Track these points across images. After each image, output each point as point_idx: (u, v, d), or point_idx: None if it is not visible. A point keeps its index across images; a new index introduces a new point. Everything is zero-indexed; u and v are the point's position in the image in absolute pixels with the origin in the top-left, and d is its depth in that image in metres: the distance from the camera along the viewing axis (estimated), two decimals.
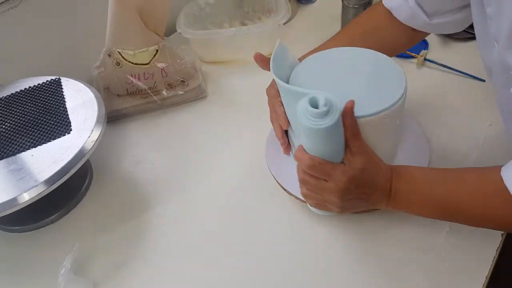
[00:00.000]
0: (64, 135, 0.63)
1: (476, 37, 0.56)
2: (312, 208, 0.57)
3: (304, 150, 0.49)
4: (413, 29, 0.65)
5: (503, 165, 0.47)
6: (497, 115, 0.58)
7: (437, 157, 0.65)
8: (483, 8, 0.50)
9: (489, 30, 0.49)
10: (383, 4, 0.66)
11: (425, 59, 0.85)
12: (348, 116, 0.46)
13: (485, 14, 0.49)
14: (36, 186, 0.55)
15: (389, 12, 0.65)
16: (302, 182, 0.52)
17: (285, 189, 0.62)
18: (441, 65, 0.83)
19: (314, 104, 0.45)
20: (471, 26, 0.90)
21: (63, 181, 0.57)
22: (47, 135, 0.63)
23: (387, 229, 0.58)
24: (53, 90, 0.72)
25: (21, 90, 0.73)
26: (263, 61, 0.57)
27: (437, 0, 0.61)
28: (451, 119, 0.72)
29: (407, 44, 0.69)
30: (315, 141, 0.47)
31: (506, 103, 0.52)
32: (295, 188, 0.59)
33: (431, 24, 0.63)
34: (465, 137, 0.69)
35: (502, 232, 0.55)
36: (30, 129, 0.65)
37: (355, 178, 0.48)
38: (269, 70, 0.54)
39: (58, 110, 0.68)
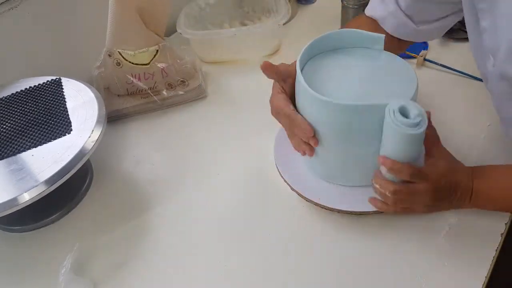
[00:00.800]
0: (65, 135, 0.63)
1: (471, 48, 0.57)
2: None
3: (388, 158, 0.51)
4: (399, 39, 0.65)
5: None
6: (497, 115, 0.58)
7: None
8: (478, 21, 0.50)
9: (484, 42, 0.49)
10: (366, 15, 0.66)
11: (425, 59, 0.85)
12: (429, 125, 0.50)
13: (479, 27, 0.49)
14: (36, 186, 0.55)
15: (374, 22, 0.65)
16: (396, 192, 0.52)
17: (294, 190, 0.61)
18: (441, 65, 0.83)
19: (404, 113, 0.48)
20: None
21: (63, 181, 0.57)
22: (47, 135, 0.63)
23: (386, 229, 0.58)
24: (54, 90, 0.72)
25: (21, 90, 0.73)
26: (271, 70, 0.56)
27: (426, 10, 0.61)
28: (450, 119, 0.72)
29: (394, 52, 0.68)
30: (404, 147, 0.50)
31: (504, 108, 0.53)
32: (305, 189, 0.61)
33: (419, 32, 0.63)
34: (465, 137, 0.69)
35: (502, 231, 0.55)
36: (30, 129, 0.65)
37: (446, 177, 0.52)
38: (276, 79, 0.54)
39: (58, 110, 0.68)
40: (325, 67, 0.58)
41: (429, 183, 0.51)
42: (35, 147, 0.62)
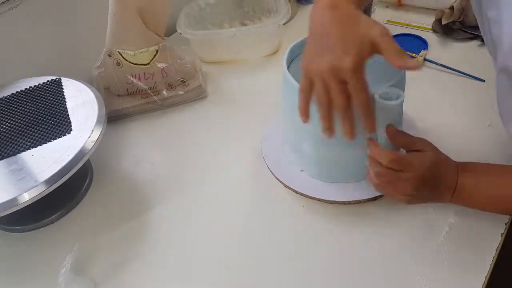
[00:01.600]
0: (65, 135, 0.63)
1: (484, 41, 0.57)
2: None
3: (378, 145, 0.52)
4: None
5: None
6: (497, 115, 0.58)
7: None
8: (484, 12, 0.50)
9: (492, 33, 0.49)
10: None
11: (425, 59, 0.85)
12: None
13: (487, 18, 0.49)
14: (36, 186, 0.55)
15: None
16: (379, 175, 0.53)
17: (284, 184, 0.63)
18: (441, 65, 0.83)
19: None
20: (471, 26, 0.91)
21: (63, 181, 0.57)
22: (47, 135, 0.63)
23: (386, 228, 0.58)
24: (54, 90, 0.72)
25: (21, 90, 0.73)
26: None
27: None
28: (450, 119, 0.72)
29: None
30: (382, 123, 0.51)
31: (503, 103, 0.53)
32: (294, 182, 0.62)
33: None
34: (465, 137, 0.69)
35: (502, 231, 0.55)
36: (30, 129, 0.65)
37: (432, 168, 0.51)
38: None
39: (58, 110, 0.68)
40: None
41: (413, 173, 0.51)
42: (35, 147, 0.62)
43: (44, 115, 0.67)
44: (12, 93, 0.73)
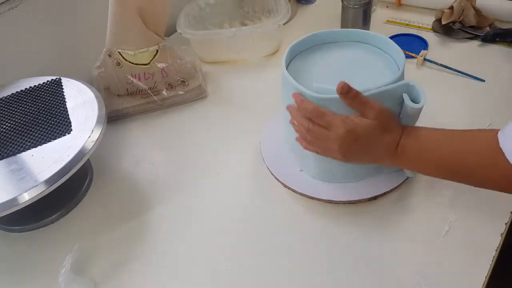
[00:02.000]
0: (65, 135, 0.63)
1: None
2: (406, 172, 0.59)
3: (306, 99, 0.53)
4: None
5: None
6: (497, 115, 0.58)
7: None
8: None
9: None
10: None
11: (425, 59, 0.85)
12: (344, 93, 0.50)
13: None
14: (36, 186, 0.55)
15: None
16: (306, 130, 0.54)
17: (283, 184, 0.63)
18: (441, 65, 0.83)
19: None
20: (471, 26, 0.91)
21: (63, 181, 0.57)
22: (47, 135, 0.63)
23: (386, 228, 0.58)
24: (54, 90, 0.72)
25: (21, 90, 0.73)
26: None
27: None
28: (450, 119, 0.72)
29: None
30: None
31: None
32: (294, 182, 0.62)
33: None
34: None
35: (502, 231, 0.55)
36: (30, 129, 0.65)
37: (353, 132, 0.51)
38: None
39: (58, 110, 0.68)
40: (311, 60, 0.61)
41: (334, 133, 0.52)
42: (35, 147, 0.62)
43: (44, 115, 0.67)
44: (12, 93, 0.73)
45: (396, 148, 0.52)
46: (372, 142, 0.52)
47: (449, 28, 0.91)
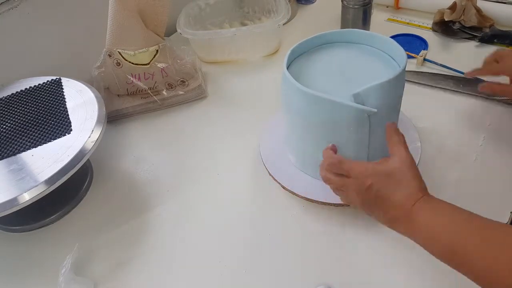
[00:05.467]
0: (65, 135, 0.63)
1: None
2: None
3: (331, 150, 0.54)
4: None
5: None
6: (497, 115, 0.58)
7: (437, 157, 0.65)
8: None
9: None
10: None
11: (425, 59, 0.85)
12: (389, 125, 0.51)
13: None
14: (36, 186, 0.55)
15: None
16: (325, 179, 0.53)
17: (282, 186, 0.63)
18: (441, 65, 0.83)
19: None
20: (471, 26, 0.91)
21: (63, 181, 0.57)
22: (47, 135, 0.63)
23: (386, 228, 0.58)
24: (54, 90, 0.72)
25: (21, 90, 0.73)
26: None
27: None
28: (450, 119, 0.72)
29: None
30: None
31: None
32: (293, 184, 0.63)
33: None
34: (465, 137, 0.69)
35: None
36: (30, 129, 0.65)
37: (375, 176, 0.47)
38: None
39: (58, 110, 0.68)
40: (312, 60, 0.62)
41: (351, 180, 0.49)
42: (35, 147, 0.62)
43: (44, 115, 0.67)
44: (12, 93, 0.73)
45: (412, 206, 0.45)
46: (385, 192, 0.47)
47: (449, 28, 0.91)
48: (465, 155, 0.66)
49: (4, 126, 0.67)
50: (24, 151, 0.62)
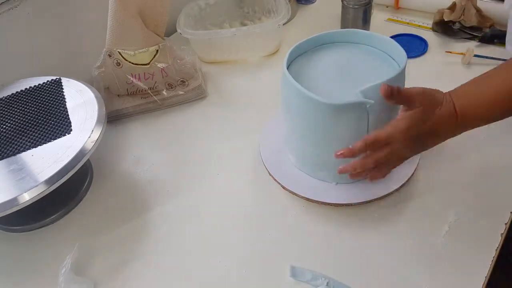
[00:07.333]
0: (65, 135, 0.63)
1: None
2: None
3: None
4: None
5: None
6: None
7: (436, 157, 0.65)
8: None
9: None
10: None
11: (475, 56, 0.83)
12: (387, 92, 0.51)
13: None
14: (36, 186, 0.55)
15: None
16: (377, 161, 0.53)
17: (282, 185, 0.63)
18: (492, 58, 0.82)
19: None
20: (471, 26, 0.91)
21: (63, 181, 0.57)
22: (47, 135, 0.63)
23: (386, 229, 0.58)
24: (54, 90, 0.72)
25: (21, 90, 0.73)
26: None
27: None
28: None
29: None
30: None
31: None
32: (293, 184, 0.63)
33: None
34: (465, 137, 0.68)
35: (502, 231, 0.55)
36: (30, 129, 0.65)
37: (411, 128, 0.51)
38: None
39: (58, 110, 0.68)
40: (312, 60, 0.62)
41: (394, 143, 0.51)
42: (35, 147, 0.62)
43: (44, 115, 0.67)
44: (12, 93, 0.73)
45: (456, 114, 0.51)
46: (431, 123, 0.51)
47: (449, 28, 0.91)
48: (465, 154, 0.66)
49: (4, 126, 0.67)
50: (24, 151, 0.62)
